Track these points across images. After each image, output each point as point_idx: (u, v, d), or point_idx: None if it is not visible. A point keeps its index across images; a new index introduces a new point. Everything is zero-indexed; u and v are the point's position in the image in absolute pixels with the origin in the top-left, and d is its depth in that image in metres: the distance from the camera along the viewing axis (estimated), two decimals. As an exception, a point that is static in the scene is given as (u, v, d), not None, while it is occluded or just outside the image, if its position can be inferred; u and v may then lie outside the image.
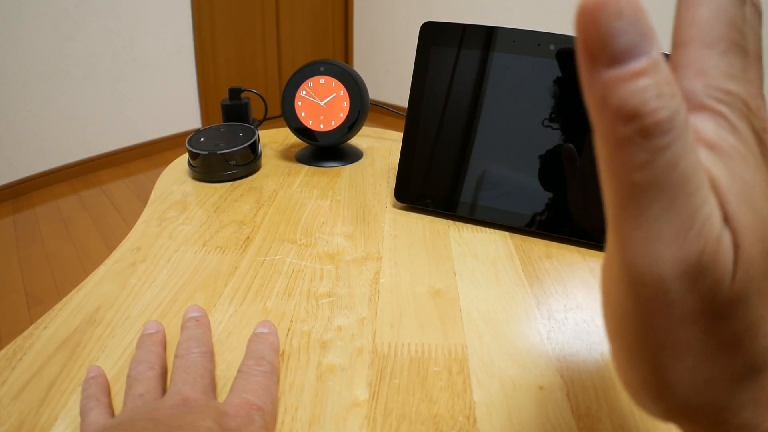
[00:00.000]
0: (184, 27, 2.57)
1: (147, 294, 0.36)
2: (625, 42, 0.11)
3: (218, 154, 0.54)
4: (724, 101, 0.13)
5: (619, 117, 0.11)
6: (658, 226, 0.12)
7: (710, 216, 0.12)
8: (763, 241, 0.12)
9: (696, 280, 0.12)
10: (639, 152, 0.11)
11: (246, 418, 0.25)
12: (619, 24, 0.11)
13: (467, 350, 0.32)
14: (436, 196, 0.48)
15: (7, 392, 0.28)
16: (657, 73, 0.11)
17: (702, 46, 0.13)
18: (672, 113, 0.11)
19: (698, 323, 0.13)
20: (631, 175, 0.12)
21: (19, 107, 2.07)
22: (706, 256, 0.12)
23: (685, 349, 0.13)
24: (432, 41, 0.46)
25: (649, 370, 0.14)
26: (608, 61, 0.11)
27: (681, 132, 0.11)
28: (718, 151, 0.13)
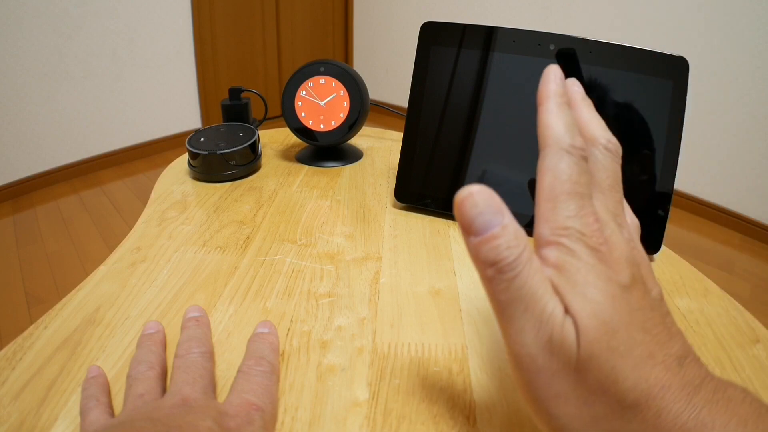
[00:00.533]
0: (184, 27, 2.57)
1: (147, 294, 0.36)
2: (482, 221, 0.18)
3: (218, 154, 0.54)
4: (564, 235, 0.19)
5: (485, 264, 0.19)
6: (520, 323, 0.19)
7: (553, 311, 0.18)
8: (596, 316, 0.18)
9: (552, 351, 0.18)
10: (499, 283, 0.18)
11: (246, 418, 0.25)
12: (476, 210, 0.18)
13: (467, 350, 0.32)
14: (436, 196, 0.48)
15: (7, 392, 0.28)
16: (505, 235, 0.18)
17: (546, 202, 0.19)
18: (516, 256, 0.18)
19: (567, 378, 0.18)
20: (498, 296, 0.19)
21: (19, 107, 2.07)
22: (554, 335, 0.18)
23: (565, 397, 0.18)
24: (432, 41, 0.46)
25: (547, 417, 0.19)
26: (474, 233, 0.19)
27: (524, 265, 0.18)
28: (559, 269, 0.19)
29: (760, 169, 1.86)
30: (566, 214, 0.19)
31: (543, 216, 0.20)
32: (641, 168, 0.42)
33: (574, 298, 0.18)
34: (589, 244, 0.19)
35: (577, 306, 0.18)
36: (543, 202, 0.20)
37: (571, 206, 0.19)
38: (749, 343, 0.33)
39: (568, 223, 0.19)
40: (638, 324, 0.18)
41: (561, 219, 0.19)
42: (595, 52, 0.42)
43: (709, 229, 2.00)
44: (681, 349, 0.19)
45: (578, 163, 0.20)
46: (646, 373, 0.18)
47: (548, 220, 0.19)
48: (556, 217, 0.19)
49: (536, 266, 0.19)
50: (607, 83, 0.42)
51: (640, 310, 0.19)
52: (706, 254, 1.84)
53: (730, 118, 1.90)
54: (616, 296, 0.18)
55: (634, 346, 0.18)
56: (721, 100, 1.90)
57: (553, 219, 0.19)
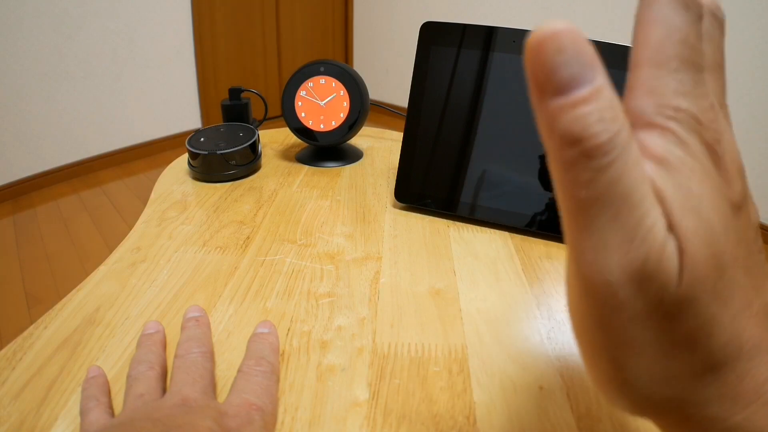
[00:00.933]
0: (184, 27, 2.57)
1: (147, 294, 0.36)
2: (567, 74, 0.12)
3: (218, 154, 0.54)
4: (674, 118, 0.14)
5: (564, 141, 0.13)
6: (604, 236, 0.13)
7: (653, 225, 0.13)
8: (709, 245, 0.13)
9: (642, 284, 0.13)
10: (583, 172, 0.13)
11: (246, 418, 0.25)
12: (561, 57, 0.12)
13: (467, 350, 0.32)
14: (436, 196, 0.48)
15: (7, 392, 0.28)
16: (599, 100, 0.12)
17: (653, 66, 0.14)
18: (612, 136, 0.12)
19: (649, 323, 0.14)
20: (577, 192, 0.13)
21: (19, 107, 2.07)
22: (650, 262, 0.13)
23: (640, 347, 0.14)
24: (432, 41, 0.46)
25: (610, 368, 0.15)
26: (553, 92, 0.13)
27: (622, 152, 0.13)
28: (665, 165, 0.14)
29: (760, 169, 1.86)
30: (680, 89, 0.14)
31: (646, 84, 0.14)
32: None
33: (685, 212, 0.13)
34: (704, 138, 0.14)
35: (689, 224, 0.13)
36: (646, 64, 0.14)
37: (686, 78, 0.14)
38: (749, 343, 0.33)
39: (681, 101, 0.14)
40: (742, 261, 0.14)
41: (672, 93, 0.14)
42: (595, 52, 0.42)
43: (709, 229, 1.99)
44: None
45: (696, 23, 0.14)
46: (742, 327, 0.14)
47: (654, 91, 0.14)
48: (665, 89, 0.14)
49: (636, 157, 0.13)
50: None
51: (745, 241, 0.15)
52: (706, 254, 1.84)
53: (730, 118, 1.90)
54: (729, 220, 0.14)
55: (736, 291, 0.14)
56: (721, 100, 1.90)
57: (661, 92, 0.14)
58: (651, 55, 0.14)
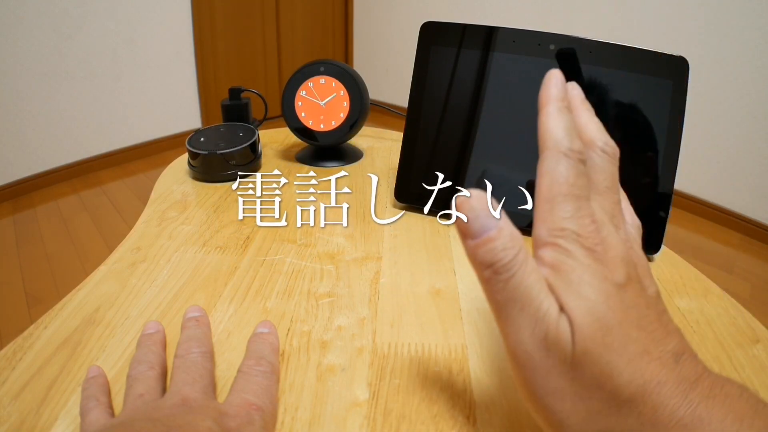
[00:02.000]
0: (184, 27, 2.57)
1: (147, 294, 0.36)
2: (478, 224, 0.19)
3: (218, 154, 0.54)
4: (560, 236, 0.19)
5: (481, 266, 0.20)
6: (517, 322, 0.19)
7: (548, 309, 0.19)
8: (590, 314, 0.18)
9: (548, 349, 0.19)
10: (496, 283, 0.19)
11: (246, 418, 0.25)
12: (472, 214, 0.19)
13: (467, 350, 0.32)
14: (436, 196, 0.48)
15: (7, 392, 0.28)
16: (501, 237, 0.19)
17: (544, 203, 0.20)
18: (512, 257, 0.19)
19: (563, 375, 0.19)
20: (495, 296, 0.20)
21: (19, 107, 2.06)
22: (550, 333, 0.19)
23: (561, 393, 0.19)
24: (432, 41, 0.46)
25: (545, 413, 0.19)
26: (471, 236, 0.20)
27: (520, 266, 0.19)
28: (555, 268, 0.19)
29: (760, 169, 1.86)
30: (563, 216, 0.20)
31: (541, 217, 0.20)
32: (641, 168, 0.42)
33: (569, 296, 0.19)
34: (584, 245, 0.19)
35: (572, 304, 0.19)
36: (541, 203, 0.20)
37: (567, 208, 0.20)
38: (749, 343, 0.33)
39: (564, 224, 0.19)
40: (633, 321, 0.19)
41: (558, 220, 0.20)
42: (595, 52, 0.42)
43: (709, 229, 2.00)
44: (677, 346, 0.19)
45: (575, 166, 0.20)
46: (642, 369, 0.18)
47: (545, 221, 0.20)
48: (553, 218, 0.20)
49: (531, 266, 0.19)
50: (607, 83, 0.42)
51: (635, 307, 0.19)
52: (706, 254, 1.84)
53: (730, 118, 1.90)
54: (611, 294, 0.19)
55: (629, 343, 0.18)
56: (721, 100, 1.90)
57: (551, 220, 0.20)
58: (543, 197, 0.20)
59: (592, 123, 0.23)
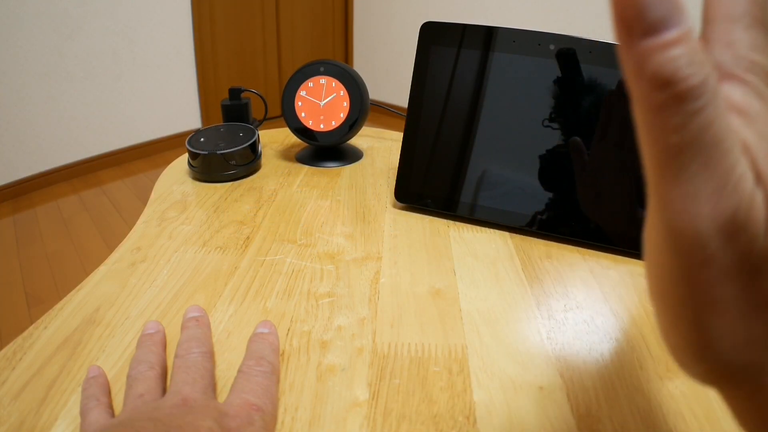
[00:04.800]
0: (184, 27, 2.57)
1: (147, 294, 0.36)
2: (658, 14, 0.12)
3: (218, 154, 0.54)
4: (751, 70, 0.14)
5: (654, 84, 0.12)
6: (695, 184, 0.13)
7: (743, 175, 0.13)
8: None
9: (731, 235, 0.13)
10: (674, 116, 0.12)
11: (246, 418, 0.25)
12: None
13: (467, 350, 0.32)
14: (436, 196, 0.48)
15: (7, 392, 0.28)
16: (688, 43, 0.12)
17: (729, 21, 0.14)
18: (703, 79, 0.12)
19: (736, 279, 0.13)
20: (668, 138, 0.13)
21: (19, 107, 2.07)
22: (740, 212, 0.12)
23: (725, 306, 0.13)
24: (432, 41, 0.46)
25: (690, 329, 0.14)
26: (642, 32, 0.12)
27: (712, 97, 0.12)
28: (746, 116, 0.14)
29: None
30: (756, 43, 0.14)
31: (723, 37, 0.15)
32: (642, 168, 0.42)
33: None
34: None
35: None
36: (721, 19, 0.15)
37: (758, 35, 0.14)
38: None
39: (756, 56, 0.14)
40: None
41: (748, 47, 0.14)
42: (595, 52, 0.42)
43: (709, 229, 1.99)
44: None
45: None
46: None
47: (731, 44, 0.14)
48: (740, 43, 0.14)
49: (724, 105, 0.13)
50: (607, 83, 0.42)
51: None
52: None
53: None
54: None
55: None
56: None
57: (738, 45, 0.14)
58: (725, 11, 0.15)
59: None
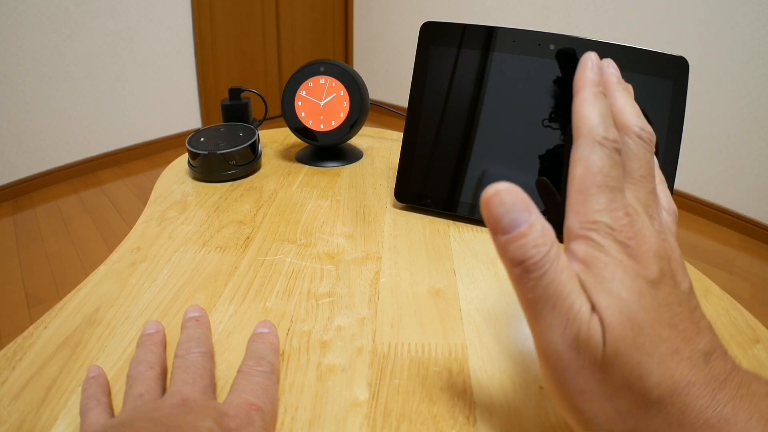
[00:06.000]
0: (184, 27, 2.57)
1: (147, 294, 0.36)
2: (509, 219, 0.19)
3: (218, 154, 0.54)
4: (592, 229, 0.19)
5: (512, 263, 0.19)
6: (548, 321, 0.19)
7: (580, 308, 0.18)
8: (622, 313, 0.18)
9: (579, 349, 0.18)
10: (526, 281, 0.19)
11: (246, 418, 0.25)
12: (502, 209, 0.19)
13: (467, 350, 0.32)
14: (436, 196, 0.48)
15: (7, 392, 0.28)
16: (532, 233, 0.18)
17: (577, 194, 0.19)
18: (543, 255, 0.18)
19: (592, 375, 0.18)
20: (526, 295, 0.19)
21: (19, 107, 2.07)
22: (581, 334, 0.18)
23: (590, 393, 0.18)
24: (432, 41, 0.46)
25: (574, 412, 0.19)
26: (501, 232, 0.19)
27: (551, 264, 0.18)
28: (587, 264, 0.19)
29: (760, 169, 1.86)
30: (596, 208, 0.19)
31: (573, 208, 0.19)
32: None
33: (601, 295, 0.18)
34: (617, 239, 0.19)
35: (604, 303, 0.18)
36: (574, 193, 0.20)
37: (601, 200, 0.19)
38: (749, 343, 0.33)
39: (597, 216, 0.19)
40: (665, 320, 0.18)
41: (590, 212, 0.19)
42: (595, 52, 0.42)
43: (709, 229, 2.00)
44: (708, 344, 0.18)
45: (611, 155, 0.19)
46: (672, 369, 0.18)
47: (578, 213, 0.19)
48: (585, 210, 0.19)
49: (563, 264, 0.19)
50: (607, 83, 0.42)
51: (667, 305, 0.18)
52: (706, 254, 1.84)
53: (730, 118, 1.90)
54: (643, 292, 0.18)
55: (660, 343, 0.18)
56: (721, 100, 1.90)
57: (583, 212, 0.19)
58: (575, 188, 0.20)
59: (628, 107, 0.22)
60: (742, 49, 1.81)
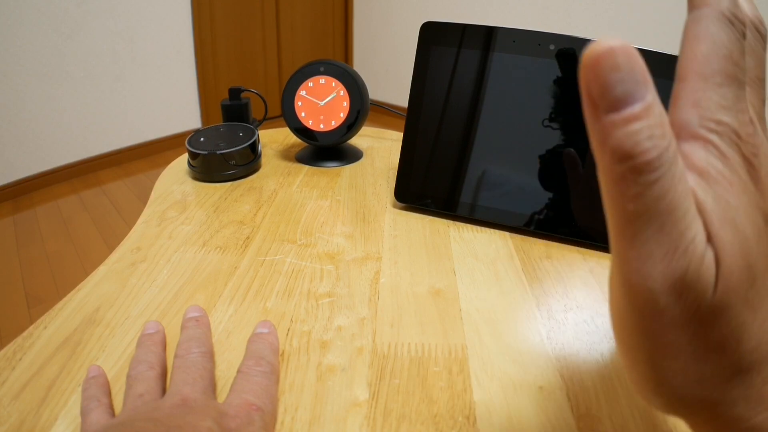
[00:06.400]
0: (184, 27, 2.57)
1: (147, 294, 0.36)
2: (621, 91, 0.13)
3: (218, 154, 0.54)
4: (715, 131, 0.15)
5: (615, 156, 0.13)
6: (648, 247, 0.14)
7: (695, 237, 0.14)
8: (743, 257, 0.14)
9: (681, 293, 0.14)
10: (632, 186, 0.14)
11: (246, 418, 0.25)
12: (616, 75, 0.13)
13: (467, 350, 0.32)
14: (436, 196, 0.48)
15: (7, 392, 0.28)
16: (649, 117, 0.13)
17: (698, 79, 0.15)
18: (660, 152, 0.13)
19: (686, 329, 0.14)
20: (625, 205, 0.14)
21: (19, 107, 2.07)
22: (690, 272, 0.14)
23: (676, 350, 0.15)
24: (432, 41, 0.46)
25: (647, 369, 0.16)
26: (606, 108, 0.13)
27: (669, 168, 0.13)
28: (706, 177, 0.15)
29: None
30: (723, 103, 0.15)
31: (693, 95, 0.15)
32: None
33: (723, 225, 0.14)
34: (742, 152, 0.15)
35: (726, 236, 0.14)
36: (694, 75, 0.15)
37: (728, 93, 0.15)
38: (749, 343, 0.33)
39: (722, 115, 0.15)
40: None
41: (715, 108, 0.15)
42: None
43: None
44: None
45: (740, 40, 0.15)
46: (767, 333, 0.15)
47: (698, 104, 0.15)
48: (709, 102, 0.15)
49: (681, 171, 0.14)
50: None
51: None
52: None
53: None
54: (762, 231, 0.15)
55: (765, 299, 0.15)
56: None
57: (706, 105, 0.15)
58: (697, 69, 0.15)
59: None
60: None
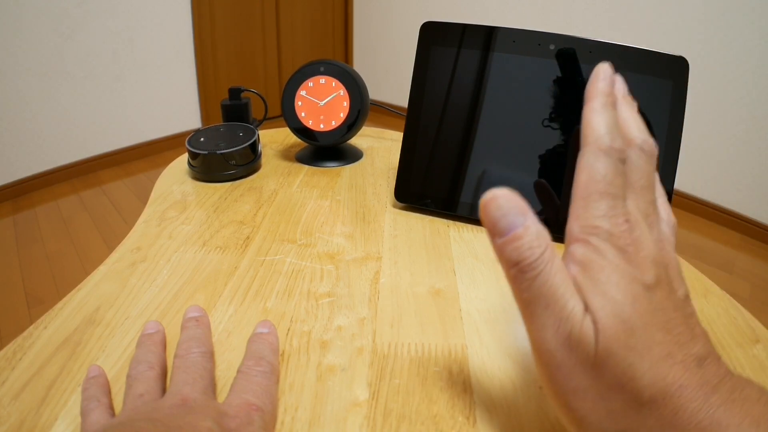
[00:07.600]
0: (184, 27, 2.57)
1: (147, 294, 0.36)
2: (505, 222, 0.20)
3: (218, 154, 0.54)
4: (592, 233, 0.20)
5: (507, 264, 0.20)
6: (542, 320, 0.20)
7: (574, 308, 0.19)
8: (616, 315, 0.19)
9: (572, 348, 0.19)
10: (522, 281, 0.20)
11: (245, 418, 0.25)
12: (499, 213, 0.20)
13: (467, 350, 0.32)
14: (436, 196, 0.48)
15: (7, 392, 0.28)
16: (527, 235, 0.19)
17: (580, 199, 0.20)
18: (537, 257, 0.19)
19: (585, 374, 0.19)
20: (521, 294, 0.20)
21: (19, 107, 2.07)
22: (573, 333, 0.19)
23: (583, 392, 0.19)
24: (432, 41, 0.46)
25: (566, 410, 0.20)
26: (498, 234, 0.20)
27: (545, 265, 0.19)
28: (583, 266, 0.20)
29: (760, 169, 1.86)
30: (597, 214, 0.20)
31: (575, 213, 0.20)
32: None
33: (595, 296, 0.19)
34: (616, 244, 0.19)
35: (597, 304, 0.19)
36: (577, 199, 0.20)
37: (602, 206, 0.20)
38: (749, 343, 0.33)
39: (597, 222, 0.20)
40: (659, 324, 0.19)
41: (591, 218, 0.20)
42: (595, 52, 0.42)
43: (709, 229, 2.00)
44: (702, 350, 0.19)
45: (615, 164, 0.20)
46: (664, 371, 0.18)
47: (579, 217, 0.20)
48: (587, 215, 0.20)
49: (558, 265, 0.19)
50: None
51: (662, 310, 0.19)
52: (706, 254, 1.84)
53: (730, 118, 1.90)
54: (638, 296, 0.19)
55: (653, 345, 0.18)
56: (721, 100, 1.90)
57: (584, 217, 0.20)
58: (579, 193, 0.20)
59: (632, 120, 0.23)
60: (742, 49, 1.81)
